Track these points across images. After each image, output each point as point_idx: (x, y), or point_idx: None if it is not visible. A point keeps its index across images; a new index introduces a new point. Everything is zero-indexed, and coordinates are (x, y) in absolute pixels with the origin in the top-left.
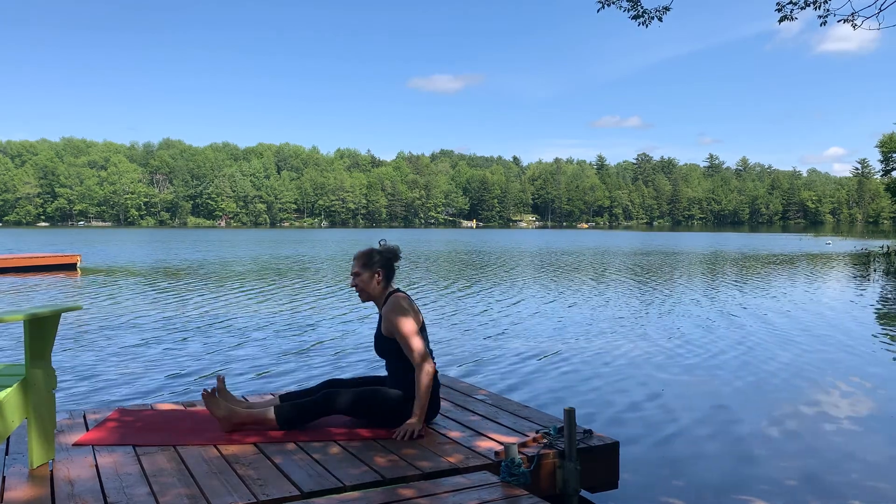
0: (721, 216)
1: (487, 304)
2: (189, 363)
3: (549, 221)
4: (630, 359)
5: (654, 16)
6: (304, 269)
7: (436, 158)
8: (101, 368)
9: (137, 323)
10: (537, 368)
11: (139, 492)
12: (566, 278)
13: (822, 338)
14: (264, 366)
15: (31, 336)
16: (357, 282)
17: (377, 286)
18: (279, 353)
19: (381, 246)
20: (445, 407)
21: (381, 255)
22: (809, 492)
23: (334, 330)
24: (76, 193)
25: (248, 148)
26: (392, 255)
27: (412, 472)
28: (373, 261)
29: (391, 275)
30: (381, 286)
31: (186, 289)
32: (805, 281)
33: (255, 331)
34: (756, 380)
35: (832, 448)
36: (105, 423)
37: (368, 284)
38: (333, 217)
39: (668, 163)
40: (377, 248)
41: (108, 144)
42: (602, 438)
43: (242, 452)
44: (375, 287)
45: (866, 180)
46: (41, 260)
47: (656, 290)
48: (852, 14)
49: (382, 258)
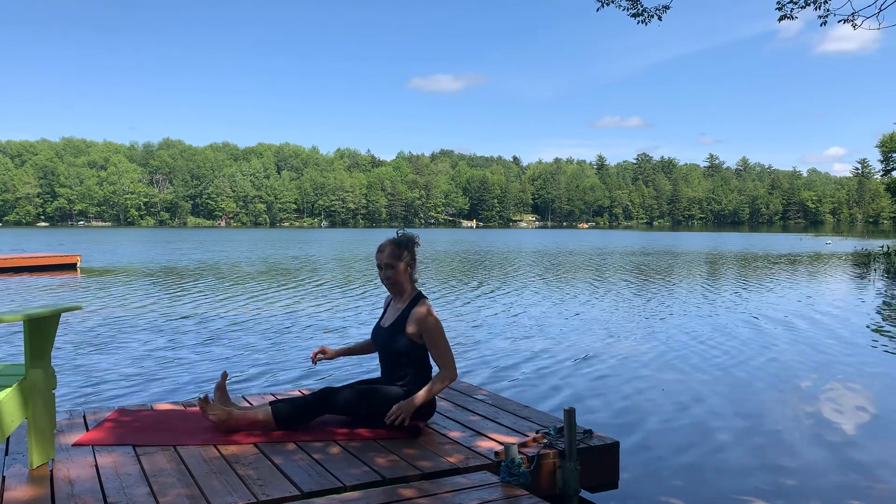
0: (721, 216)
1: (488, 303)
2: (189, 363)
3: (549, 221)
4: (630, 359)
5: (654, 14)
6: (310, 270)
7: (436, 158)
8: (100, 368)
9: (137, 323)
10: (538, 368)
11: (139, 492)
12: (566, 278)
13: (822, 338)
14: (265, 366)
15: (31, 336)
16: (391, 274)
17: (408, 278)
18: (280, 353)
19: (404, 235)
20: (445, 407)
21: (408, 245)
22: (810, 492)
23: (337, 330)
24: (76, 193)
25: (248, 148)
26: (416, 244)
27: (412, 472)
28: (404, 252)
29: (415, 266)
30: (409, 280)
31: (186, 288)
32: (805, 281)
33: (255, 331)
34: (756, 380)
35: (832, 448)
36: (105, 423)
37: (402, 276)
38: (333, 217)
39: (669, 163)
40: (402, 237)
41: (108, 144)
42: (602, 438)
43: (242, 452)
44: (407, 280)
45: (866, 180)
46: (41, 260)
47: (656, 290)
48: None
49: (411, 248)
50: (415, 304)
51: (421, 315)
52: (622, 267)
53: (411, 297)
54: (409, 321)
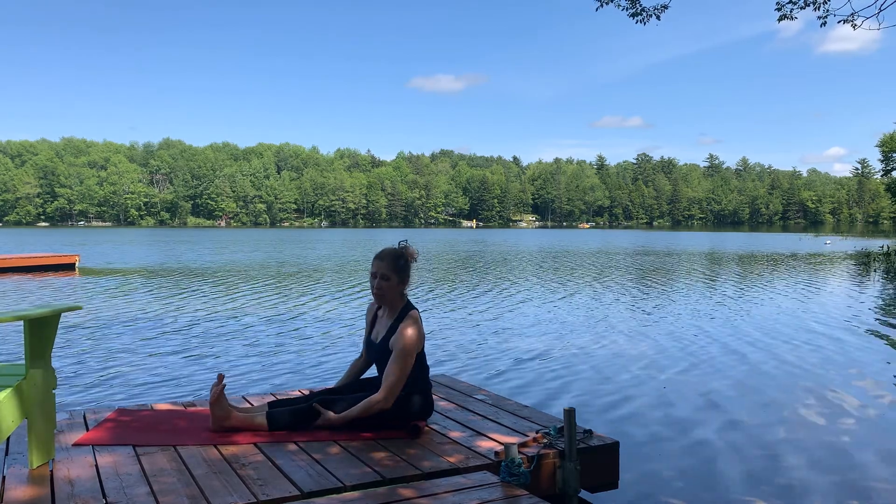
0: (721, 216)
1: (488, 303)
2: (189, 363)
3: (548, 221)
4: (631, 359)
5: (653, 13)
6: (311, 271)
7: (436, 158)
8: (100, 368)
9: (137, 323)
10: (538, 368)
11: (139, 492)
12: (567, 278)
13: (822, 338)
14: (265, 366)
15: (31, 336)
16: (384, 286)
17: (399, 293)
18: (280, 353)
19: (406, 249)
20: (445, 407)
21: (407, 260)
22: (810, 492)
23: (338, 330)
24: (76, 193)
25: (248, 148)
26: (414, 260)
27: (412, 472)
28: (401, 266)
29: (408, 281)
30: (400, 293)
31: (185, 288)
32: (805, 281)
33: (256, 331)
34: (757, 380)
35: (832, 448)
36: (105, 423)
37: (394, 290)
38: (333, 217)
39: (668, 163)
40: (402, 251)
41: (108, 144)
42: (602, 438)
43: (242, 452)
44: (398, 294)
45: (866, 180)
46: (40, 260)
47: (657, 290)
48: (852, 14)
49: (408, 264)
50: (402, 317)
51: (401, 329)
52: (622, 267)
53: (400, 310)
54: (396, 334)
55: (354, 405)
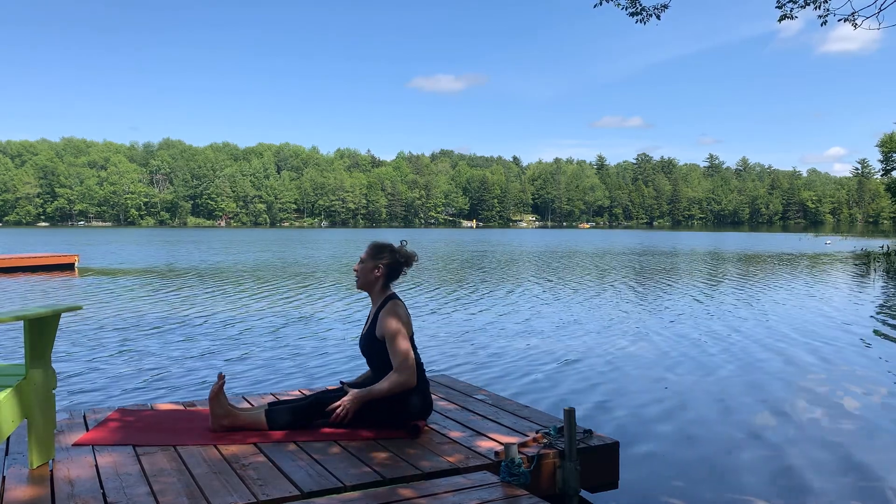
0: (721, 216)
1: (488, 303)
2: (189, 363)
3: (549, 221)
4: (631, 359)
5: (653, 13)
6: (313, 270)
7: (436, 158)
8: (100, 368)
9: (137, 323)
10: (537, 368)
11: (139, 492)
12: (567, 278)
13: (822, 338)
14: (265, 366)
15: (31, 336)
16: (358, 267)
17: (374, 280)
18: (280, 353)
19: (398, 246)
20: (445, 407)
21: (391, 253)
22: (810, 492)
23: (338, 330)
24: (76, 193)
25: (248, 148)
26: (404, 259)
27: (412, 472)
28: (381, 254)
29: (394, 276)
30: (380, 284)
31: (185, 288)
32: (805, 281)
33: (256, 331)
34: (757, 380)
35: (832, 448)
36: (105, 423)
37: (367, 274)
38: (333, 217)
39: (668, 163)
40: (393, 245)
41: (108, 144)
42: (602, 438)
43: (242, 452)
44: (373, 280)
45: (866, 180)
46: (39, 260)
47: (657, 290)
48: (852, 14)
49: (391, 257)
50: (383, 306)
51: (382, 316)
52: (623, 267)
53: (381, 300)
54: (378, 323)
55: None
